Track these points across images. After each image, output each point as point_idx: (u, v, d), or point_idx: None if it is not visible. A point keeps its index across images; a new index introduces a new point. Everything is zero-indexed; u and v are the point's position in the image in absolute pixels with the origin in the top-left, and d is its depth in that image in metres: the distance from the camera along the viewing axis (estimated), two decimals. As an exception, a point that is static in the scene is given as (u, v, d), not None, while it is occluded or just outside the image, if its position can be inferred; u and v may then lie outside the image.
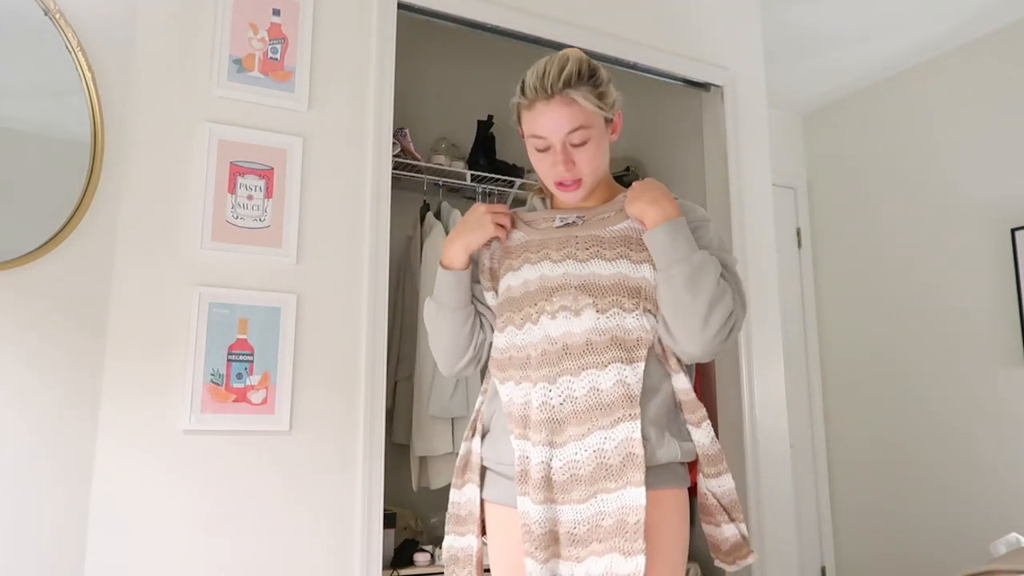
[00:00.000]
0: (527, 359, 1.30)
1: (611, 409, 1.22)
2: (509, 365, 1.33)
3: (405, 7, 2.19)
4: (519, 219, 1.42)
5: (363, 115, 2.07)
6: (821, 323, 3.93)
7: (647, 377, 1.25)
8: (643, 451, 1.19)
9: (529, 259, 1.35)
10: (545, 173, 1.34)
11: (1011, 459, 3.03)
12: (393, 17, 2.14)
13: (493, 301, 1.41)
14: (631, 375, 1.23)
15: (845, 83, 3.78)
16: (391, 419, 2.67)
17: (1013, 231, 3.07)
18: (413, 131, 2.81)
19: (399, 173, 2.58)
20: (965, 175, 3.29)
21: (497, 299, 1.40)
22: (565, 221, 1.36)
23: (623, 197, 1.36)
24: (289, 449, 1.84)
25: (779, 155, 3.66)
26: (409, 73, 2.85)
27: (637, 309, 1.26)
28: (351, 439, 1.92)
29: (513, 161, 3.00)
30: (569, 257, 1.32)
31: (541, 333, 1.29)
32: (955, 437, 3.24)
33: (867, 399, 3.65)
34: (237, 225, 1.86)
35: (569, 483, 1.22)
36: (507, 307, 1.36)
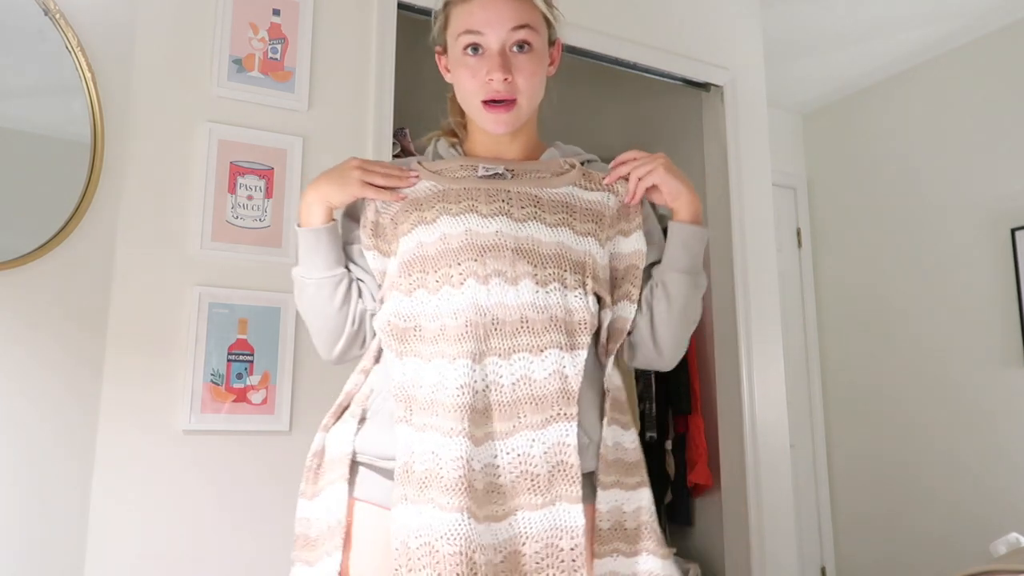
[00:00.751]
0: (442, 330, 1.03)
1: (543, 405, 0.99)
2: (415, 337, 1.05)
3: (405, 7, 2.19)
4: (425, 169, 1.15)
5: (363, 115, 2.07)
6: (821, 323, 3.93)
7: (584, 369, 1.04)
8: (578, 460, 0.98)
9: (448, 210, 1.08)
10: (472, 89, 1.10)
11: (1011, 459, 3.03)
12: (393, 17, 2.15)
13: (376, 264, 1.14)
14: (571, 365, 1.01)
15: (845, 83, 3.78)
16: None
17: (1013, 231, 3.06)
18: (413, 131, 2.80)
19: (399, 173, 2.57)
20: (965, 175, 3.29)
21: (398, 259, 1.11)
22: (491, 171, 1.11)
23: (562, 159, 1.15)
24: (289, 449, 1.83)
25: (779, 155, 3.65)
26: (409, 73, 2.85)
27: (580, 288, 1.06)
28: (351, 439, 1.92)
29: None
30: (502, 213, 1.07)
31: (466, 300, 1.02)
32: (955, 437, 3.24)
33: (867, 399, 3.65)
34: (237, 225, 1.86)
35: (484, 493, 0.97)
36: (418, 266, 1.08)
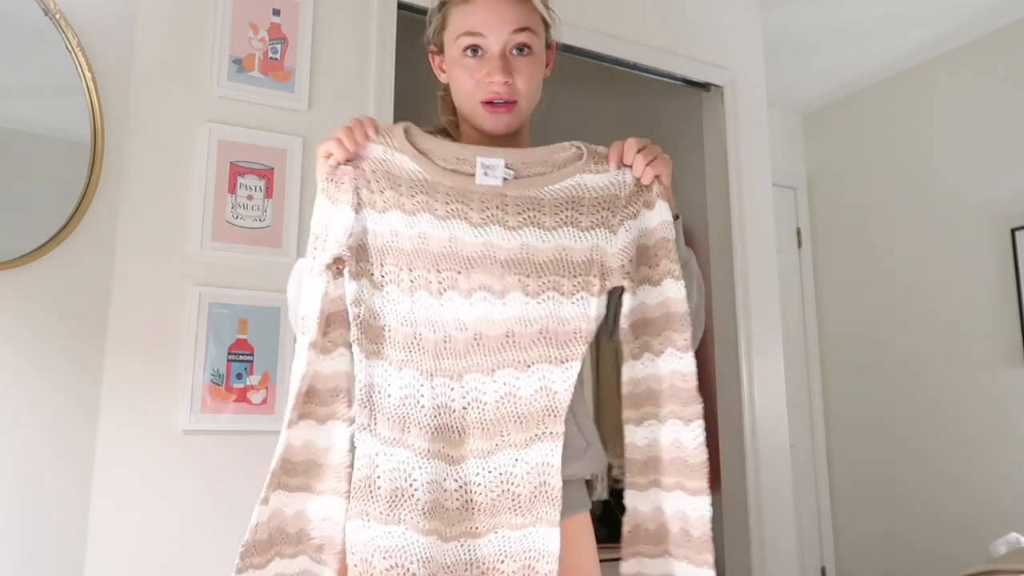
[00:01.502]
0: (416, 339, 1.00)
1: (528, 423, 0.97)
2: (386, 340, 1.00)
3: (405, 7, 2.18)
4: (411, 142, 1.05)
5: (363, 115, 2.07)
6: (821, 323, 3.93)
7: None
8: (559, 482, 0.96)
9: (433, 209, 1.01)
10: (470, 89, 1.09)
11: (1011, 459, 3.03)
12: (393, 17, 2.14)
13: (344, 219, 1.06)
14: (560, 381, 0.98)
15: (845, 83, 3.78)
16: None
17: (1013, 231, 3.06)
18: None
19: (399, 173, 2.57)
20: (965, 175, 3.29)
21: (369, 235, 1.04)
22: (488, 172, 1.03)
23: (566, 152, 1.07)
24: (289, 449, 1.83)
25: (779, 155, 3.65)
26: (409, 73, 2.85)
27: (583, 291, 1.01)
28: (351, 439, 1.92)
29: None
30: (494, 221, 1.01)
31: (446, 313, 0.99)
32: (955, 437, 3.24)
33: (867, 399, 3.65)
34: (237, 225, 1.86)
35: (462, 512, 0.96)
36: (390, 256, 1.02)
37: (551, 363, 0.99)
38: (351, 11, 2.11)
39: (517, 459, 0.96)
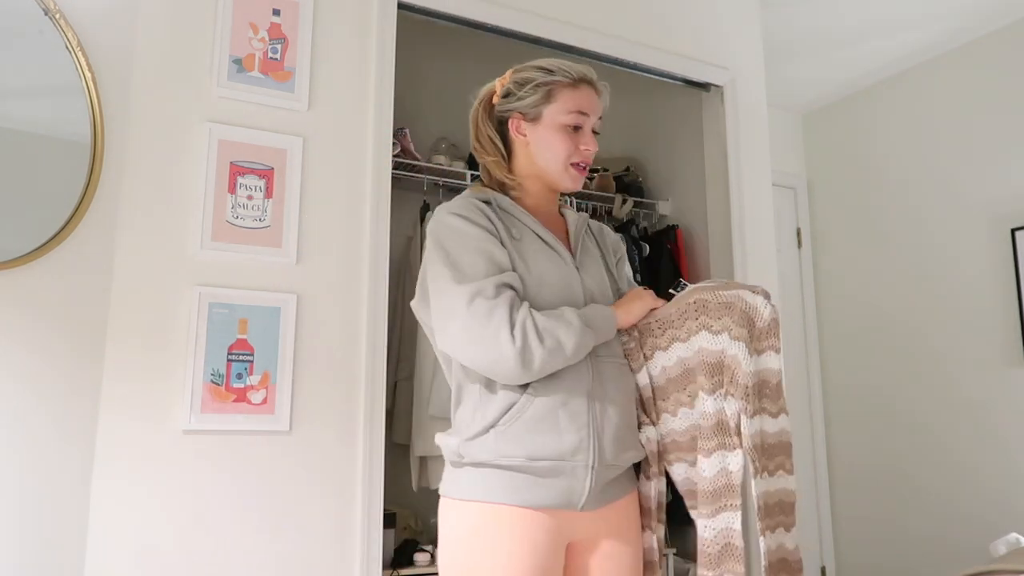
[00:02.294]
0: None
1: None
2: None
3: (405, 7, 2.19)
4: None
5: (363, 115, 2.07)
6: (821, 323, 3.93)
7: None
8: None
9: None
10: (566, 153, 1.38)
11: (1012, 459, 3.03)
12: (393, 17, 2.14)
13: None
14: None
15: (845, 83, 3.78)
16: (391, 419, 2.67)
17: (1013, 231, 3.06)
18: (413, 131, 2.81)
19: (399, 173, 2.57)
20: (965, 175, 3.29)
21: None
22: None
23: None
24: (289, 449, 1.84)
25: (779, 155, 3.66)
26: (409, 73, 2.85)
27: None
28: (351, 439, 1.92)
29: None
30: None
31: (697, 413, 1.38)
32: (955, 437, 3.24)
33: (867, 399, 3.65)
34: (237, 225, 1.86)
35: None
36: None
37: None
38: (351, 11, 2.11)
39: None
